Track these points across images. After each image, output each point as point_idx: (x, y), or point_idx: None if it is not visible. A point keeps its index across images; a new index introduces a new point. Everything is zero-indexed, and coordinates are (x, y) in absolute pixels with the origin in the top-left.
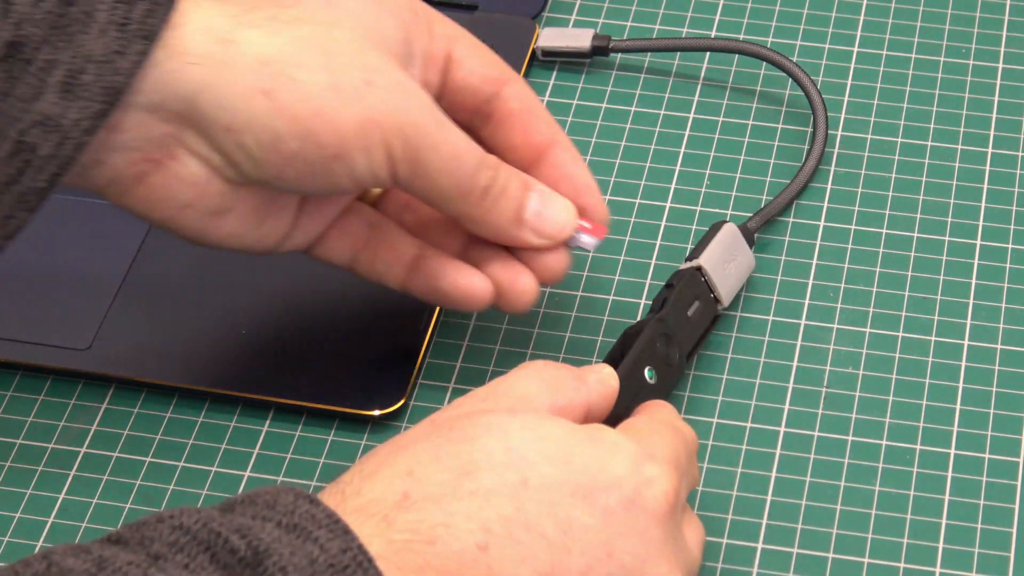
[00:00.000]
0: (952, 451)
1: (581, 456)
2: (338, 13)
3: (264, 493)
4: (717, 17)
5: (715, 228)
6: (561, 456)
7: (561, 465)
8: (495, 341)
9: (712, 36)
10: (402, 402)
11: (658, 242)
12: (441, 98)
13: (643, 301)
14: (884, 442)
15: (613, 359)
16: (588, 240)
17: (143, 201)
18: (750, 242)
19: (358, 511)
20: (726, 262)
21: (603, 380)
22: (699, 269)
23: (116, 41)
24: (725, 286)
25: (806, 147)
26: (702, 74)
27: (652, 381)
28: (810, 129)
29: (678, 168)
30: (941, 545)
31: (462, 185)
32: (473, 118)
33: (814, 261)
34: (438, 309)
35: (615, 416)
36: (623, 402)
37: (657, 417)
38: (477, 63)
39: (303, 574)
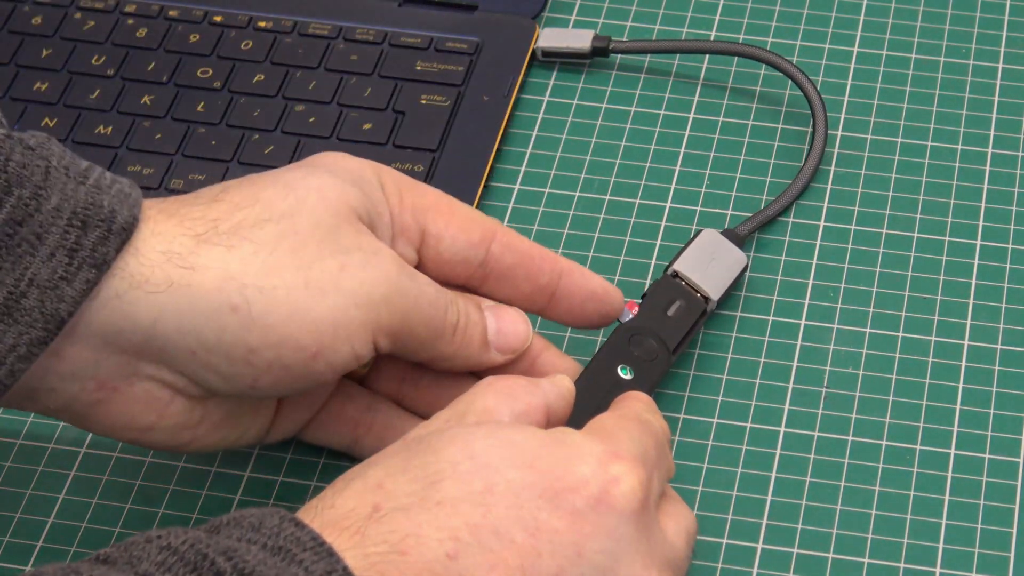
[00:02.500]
0: (952, 451)
1: (545, 459)
2: (299, 194)
3: (250, 515)
4: (717, 17)
5: (694, 236)
6: (525, 461)
7: (526, 470)
8: None
9: (712, 37)
10: None
11: (658, 242)
12: (427, 273)
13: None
14: (884, 442)
15: None
16: (627, 312)
17: (103, 426)
18: (739, 244)
19: (332, 525)
20: (707, 263)
21: (555, 381)
22: (675, 275)
23: (64, 267)
24: (710, 283)
25: (806, 147)
26: (702, 75)
27: (629, 377)
28: (809, 130)
29: (678, 168)
30: (941, 545)
31: (440, 328)
32: (469, 282)
33: (814, 261)
34: None
35: (590, 414)
36: (595, 400)
37: (624, 413)
38: (458, 232)
39: None
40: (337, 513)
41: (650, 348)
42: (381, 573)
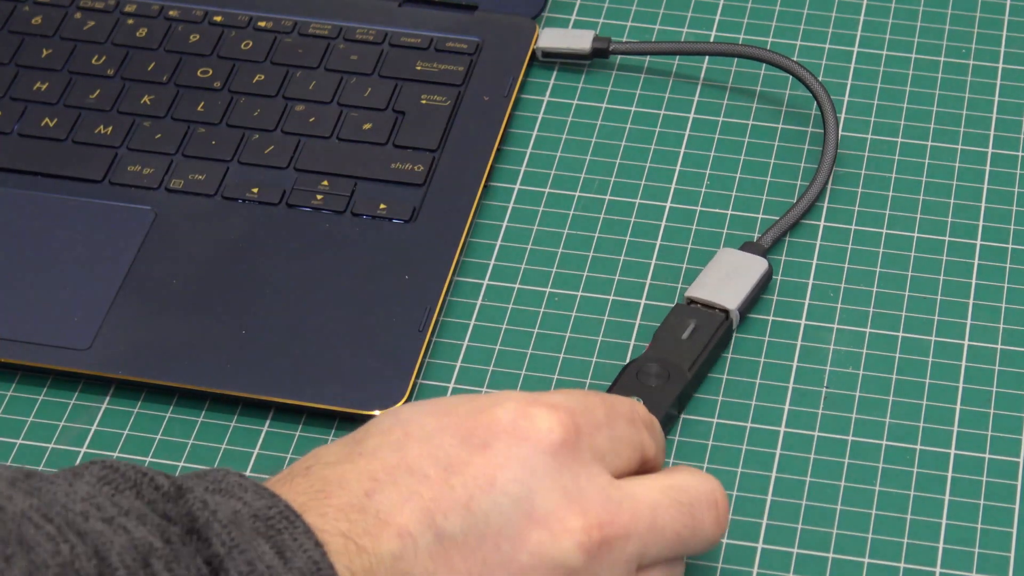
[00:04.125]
0: (952, 451)
1: (464, 407)
2: None
3: (197, 471)
4: (717, 17)
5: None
6: (444, 410)
7: (443, 416)
8: (495, 341)
9: (712, 37)
10: (402, 402)
11: (658, 242)
12: None
13: (643, 301)
14: (884, 442)
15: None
16: None
17: None
18: (760, 254)
19: (268, 482)
20: (724, 280)
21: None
22: (691, 301)
23: None
24: (726, 296)
25: (806, 147)
26: (702, 75)
27: None
28: (810, 129)
29: (678, 168)
30: (941, 545)
31: None
32: None
33: (814, 261)
34: (438, 309)
35: None
36: None
37: (593, 391)
38: None
39: (224, 514)
40: (269, 480)
41: (659, 375)
42: (303, 506)
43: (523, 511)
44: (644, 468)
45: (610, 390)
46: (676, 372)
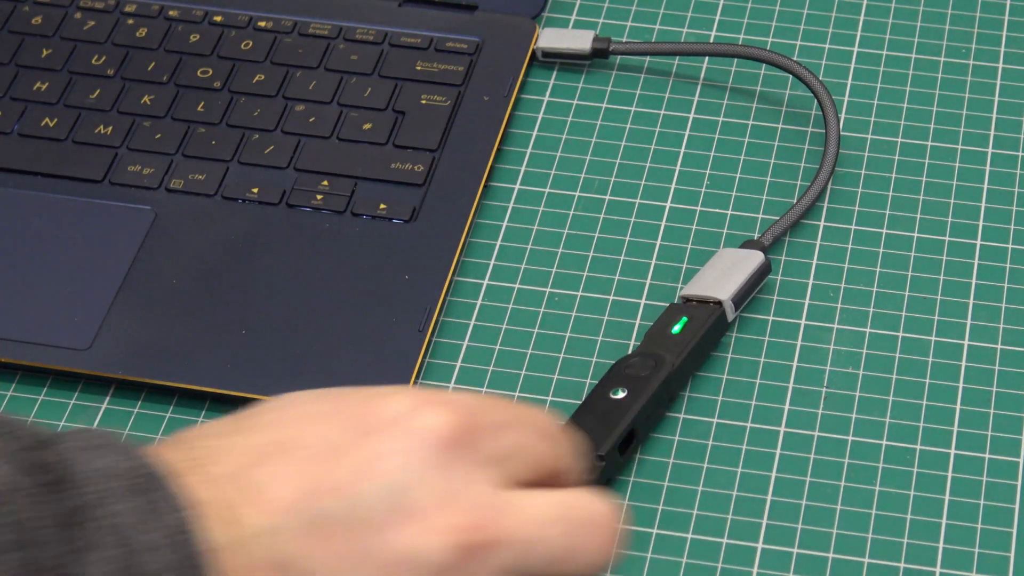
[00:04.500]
0: (952, 451)
1: (356, 394)
2: None
3: (72, 428)
4: (717, 17)
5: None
6: (335, 396)
7: (332, 401)
8: (495, 341)
9: (712, 37)
10: None
11: (658, 242)
12: None
13: (643, 301)
14: (884, 442)
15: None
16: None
17: None
18: (760, 250)
19: (142, 449)
20: (718, 276)
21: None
22: (686, 300)
23: None
24: (719, 288)
25: (806, 147)
26: (702, 75)
27: (621, 396)
28: (810, 129)
29: (678, 168)
30: (941, 545)
31: None
32: None
33: (814, 261)
34: (438, 309)
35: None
36: (589, 424)
37: (503, 399)
38: None
39: (92, 467)
40: (154, 446)
41: (645, 365)
42: (179, 472)
43: (397, 503)
44: (555, 484)
45: (598, 386)
46: (662, 361)
